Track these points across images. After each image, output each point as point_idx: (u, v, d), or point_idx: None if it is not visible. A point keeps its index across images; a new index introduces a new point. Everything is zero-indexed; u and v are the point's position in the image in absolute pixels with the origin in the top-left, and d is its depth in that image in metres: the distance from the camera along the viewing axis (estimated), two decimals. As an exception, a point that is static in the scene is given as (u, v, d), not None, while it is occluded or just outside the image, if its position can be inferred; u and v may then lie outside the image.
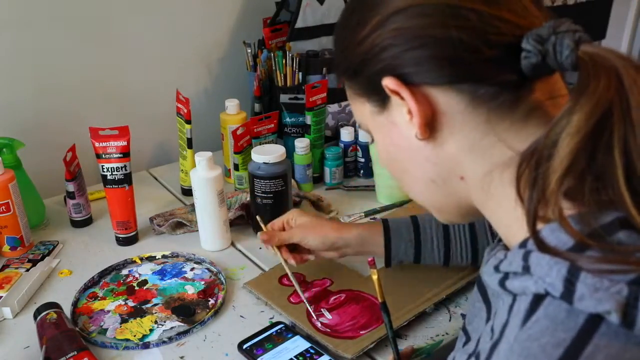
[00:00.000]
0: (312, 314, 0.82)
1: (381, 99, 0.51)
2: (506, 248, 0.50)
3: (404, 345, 0.77)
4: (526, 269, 0.41)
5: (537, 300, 0.40)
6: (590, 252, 0.39)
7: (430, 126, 0.48)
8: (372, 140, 0.57)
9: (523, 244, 0.43)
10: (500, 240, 0.54)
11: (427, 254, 0.85)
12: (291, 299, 0.86)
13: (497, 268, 0.45)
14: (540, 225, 0.42)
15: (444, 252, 0.85)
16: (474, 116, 0.47)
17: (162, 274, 0.94)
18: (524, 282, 0.41)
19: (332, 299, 0.86)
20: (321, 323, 0.80)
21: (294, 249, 0.88)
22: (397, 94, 0.48)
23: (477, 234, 0.84)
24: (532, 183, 0.42)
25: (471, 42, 0.45)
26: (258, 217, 0.92)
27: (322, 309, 0.83)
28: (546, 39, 0.43)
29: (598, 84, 0.39)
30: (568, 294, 0.38)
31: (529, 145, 0.42)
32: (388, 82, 0.48)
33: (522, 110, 0.46)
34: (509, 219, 0.48)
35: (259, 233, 0.89)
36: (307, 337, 0.78)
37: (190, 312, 0.85)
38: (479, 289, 0.57)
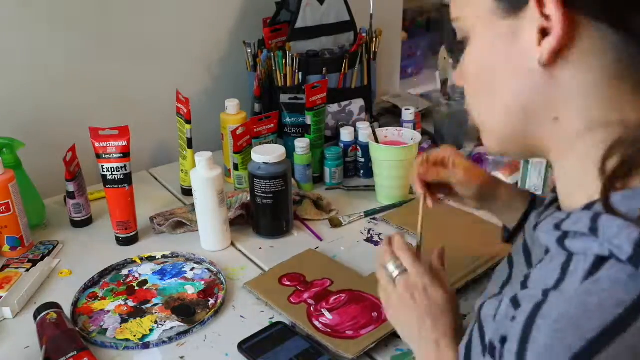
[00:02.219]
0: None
1: (514, 2, 0.45)
2: (559, 209, 0.49)
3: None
4: (593, 231, 0.40)
5: (599, 261, 0.39)
6: None
7: (560, 55, 0.44)
8: (460, 42, 0.51)
9: (588, 207, 0.43)
10: (549, 205, 0.53)
11: None
12: (291, 299, 0.86)
13: (557, 226, 0.44)
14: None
15: None
16: (609, 66, 0.44)
17: (162, 274, 0.94)
18: (588, 242, 0.40)
19: (333, 299, 0.86)
20: (321, 323, 0.81)
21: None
22: (542, 6, 0.43)
23: None
24: (626, 161, 0.41)
25: None
26: (424, 155, 0.81)
27: (322, 309, 0.83)
28: None
29: None
30: (637, 258, 0.38)
31: None
32: None
33: None
34: (579, 179, 0.46)
35: (416, 163, 0.81)
36: (307, 337, 0.78)
37: (190, 312, 0.85)
38: (524, 254, 0.56)
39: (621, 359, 0.36)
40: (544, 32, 0.43)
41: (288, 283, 0.89)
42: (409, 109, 1.34)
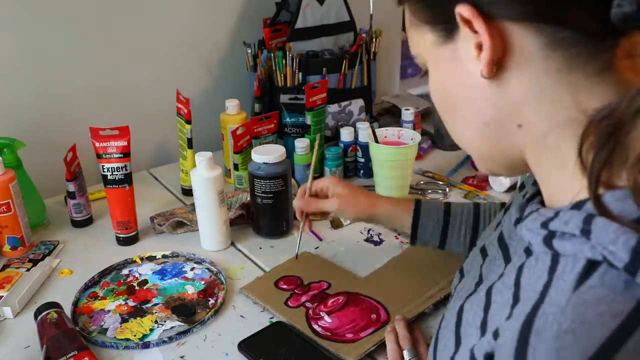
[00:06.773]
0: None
1: (447, 29, 0.47)
2: (544, 206, 0.48)
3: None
4: (585, 232, 0.39)
5: (591, 266, 0.38)
6: None
7: (499, 64, 0.44)
8: (426, 73, 0.53)
9: (578, 206, 0.41)
10: (531, 198, 0.52)
11: (453, 241, 0.85)
12: (289, 302, 0.86)
13: (545, 225, 0.43)
14: (601, 191, 0.40)
15: (469, 241, 0.85)
16: (548, 61, 0.43)
17: (162, 273, 0.95)
18: (578, 245, 0.39)
19: (331, 301, 0.85)
20: (321, 327, 0.80)
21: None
22: (469, 24, 0.44)
23: None
24: (601, 145, 0.39)
25: None
26: (304, 183, 0.92)
27: (320, 312, 0.83)
28: None
29: None
30: (633, 266, 0.36)
31: (607, 105, 0.40)
32: (462, 10, 0.43)
33: (598, 65, 0.42)
34: (559, 178, 0.45)
35: (294, 199, 0.91)
36: (307, 337, 0.78)
37: (191, 312, 0.85)
38: (501, 247, 0.55)
39: None
40: (480, 47, 0.44)
41: (285, 286, 0.89)
42: (408, 109, 1.34)
